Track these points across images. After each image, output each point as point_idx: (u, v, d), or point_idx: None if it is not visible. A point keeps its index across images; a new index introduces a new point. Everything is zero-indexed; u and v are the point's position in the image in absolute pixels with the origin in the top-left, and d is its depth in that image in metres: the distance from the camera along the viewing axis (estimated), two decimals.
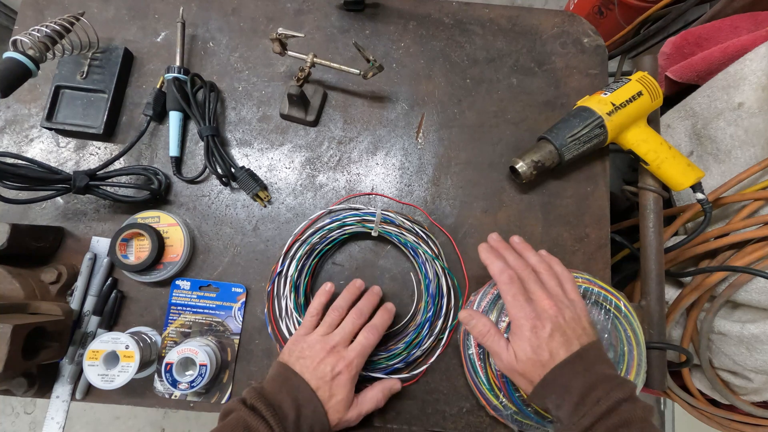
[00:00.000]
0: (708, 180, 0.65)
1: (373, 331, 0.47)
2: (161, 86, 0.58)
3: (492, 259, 0.45)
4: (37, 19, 0.61)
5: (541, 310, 0.41)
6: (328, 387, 0.43)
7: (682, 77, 0.71)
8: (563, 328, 0.40)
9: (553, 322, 0.40)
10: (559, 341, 0.40)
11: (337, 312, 0.48)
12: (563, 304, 0.42)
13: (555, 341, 0.40)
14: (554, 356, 0.39)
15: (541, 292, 0.42)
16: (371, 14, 0.63)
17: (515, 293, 0.42)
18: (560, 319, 0.40)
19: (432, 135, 0.60)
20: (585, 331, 0.41)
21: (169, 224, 0.54)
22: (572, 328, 0.40)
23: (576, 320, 0.41)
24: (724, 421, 0.68)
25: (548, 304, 0.41)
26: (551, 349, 0.39)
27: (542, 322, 0.40)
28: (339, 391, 0.43)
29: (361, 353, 0.45)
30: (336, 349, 0.45)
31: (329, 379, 0.43)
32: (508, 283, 0.43)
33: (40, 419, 1.35)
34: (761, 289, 0.56)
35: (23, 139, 0.58)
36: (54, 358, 0.48)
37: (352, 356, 0.45)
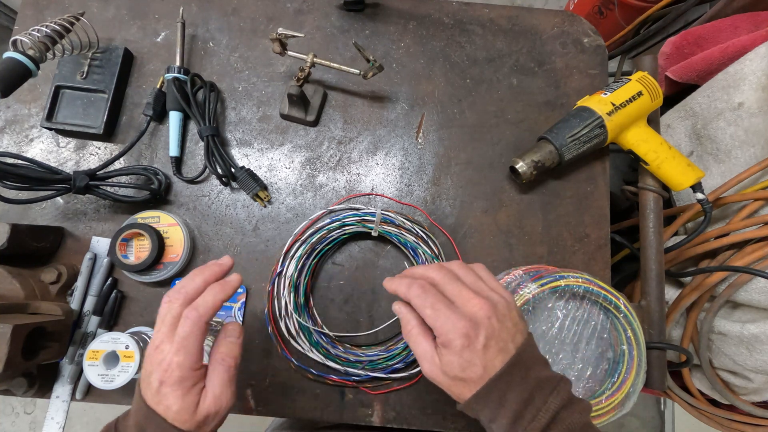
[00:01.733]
0: (708, 180, 0.65)
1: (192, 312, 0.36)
2: (161, 86, 0.58)
3: (397, 281, 0.38)
4: (37, 19, 0.61)
5: (471, 314, 0.35)
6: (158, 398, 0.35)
7: (682, 77, 0.71)
8: (498, 331, 0.35)
9: (486, 327, 0.34)
10: (494, 350, 0.34)
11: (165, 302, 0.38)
12: (493, 299, 0.36)
13: (490, 351, 0.34)
14: (489, 369, 0.34)
15: (465, 291, 0.36)
16: (371, 14, 0.63)
17: (433, 302, 0.36)
18: (494, 321, 0.35)
19: (432, 135, 0.60)
20: (518, 328, 0.36)
21: (169, 224, 0.54)
22: (507, 329, 0.35)
23: (509, 317, 0.36)
24: (724, 421, 0.68)
25: (478, 304, 0.35)
26: (486, 363, 0.34)
27: (476, 330, 0.34)
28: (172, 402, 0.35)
29: (180, 349, 0.35)
30: (159, 349, 0.36)
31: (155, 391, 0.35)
32: (421, 294, 0.36)
33: (40, 419, 1.35)
34: (761, 289, 0.56)
35: (23, 139, 0.58)
36: (54, 358, 0.48)
37: (169, 359, 0.35)
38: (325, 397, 0.53)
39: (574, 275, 0.49)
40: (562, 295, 0.49)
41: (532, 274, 0.50)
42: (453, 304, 0.36)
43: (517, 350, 0.35)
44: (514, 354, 0.35)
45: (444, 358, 0.35)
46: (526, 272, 0.51)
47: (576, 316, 0.49)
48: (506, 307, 0.36)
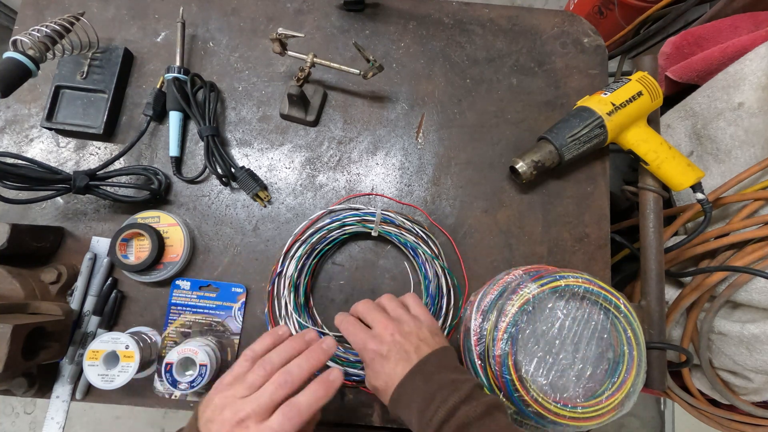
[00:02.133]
0: (708, 180, 0.65)
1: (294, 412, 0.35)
2: (161, 86, 0.58)
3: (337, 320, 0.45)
4: (37, 19, 0.61)
5: (377, 333, 0.41)
6: None
7: (682, 77, 0.71)
8: (400, 344, 0.40)
9: (388, 342, 0.40)
10: (396, 359, 0.40)
11: (263, 369, 0.37)
12: (402, 320, 0.42)
13: (391, 361, 0.40)
14: (394, 377, 0.39)
15: (379, 316, 0.43)
16: (371, 14, 0.63)
17: (354, 330, 0.43)
18: (397, 336, 0.41)
19: (432, 135, 0.60)
20: (425, 341, 0.41)
21: (169, 224, 0.54)
22: (409, 342, 0.41)
23: (414, 332, 0.41)
24: (724, 421, 0.68)
25: (384, 325, 0.42)
26: (390, 371, 0.40)
27: (380, 345, 0.41)
28: None
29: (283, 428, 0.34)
30: (245, 424, 0.34)
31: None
32: (346, 324, 0.44)
33: (40, 419, 1.35)
34: (761, 289, 0.56)
35: (23, 139, 0.58)
36: (54, 358, 0.48)
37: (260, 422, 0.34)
38: None
39: (574, 275, 0.49)
40: (562, 295, 0.49)
41: (532, 274, 0.50)
42: (368, 328, 0.43)
43: (420, 359, 0.40)
44: (417, 362, 0.39)
45: (366, 372, 0.43)
46: (526, 272, 0.51)
47: (576, 316, 0.49)
48: (414, 325, 0.42)
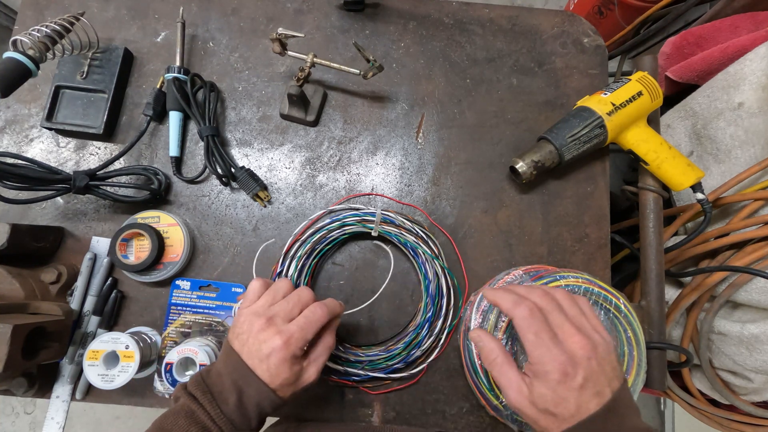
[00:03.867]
0: (708, 180, 0.65)
1: (322, 307, 0.41)
2: (161, 86, 0.58)
3: (501, 295, 0.39)
4: (37, 19, 0.61)
5: (571, 352, 0.35)
6: (266, 366, 0.38)
7: (682, 77, 0.71)
8: (596, 374, 0.34)
9: (585, 367, 0.34)
10: (590, 392, 0.34)
11: (286, 284, 0.43)
12: (594, 340, 0.36)
13: (587, 392, 0.34)
14: (582, 410, 0.34)
15: (568, 325, 0.36)
16: (371, 14, 0.63)
17: (538, 330, 0.36)
18: (593, 362, 0.34)
19: (432, 135, 0.60)
20: (615, 372, 0.36)
21: (169, 224, 0.54)
22: (605, 372, 0.35)
23: (608, 360, 0.35)
24: (724, 421, 0.68)
25: (579, 342, 0.35)
26: (580, 403, 0.34)
27: (575, 368, 0.34)
28: (280, 371, 0.38)
29: (305, 326, 0.39)
30: (273, 321, 0.39)
31: (264, 356, 0.38)
32: (528, 317, 0.36)
33: (40, 419, 1.35)
34: (761, 289, 0.56)
35: (23, 139, 0.58)
36: (54, 358, 0.48)
37: (292, 330, 0.39)
38: (325, 396, 0.53)
39: (574, 275, 0.49)
40: None
41: (532, 274, 0.50)
42: (555, 336, 0.36)
43: (613, 395, 0.34)
44: (610, 399, 0.34)
45: (536, 390, 0.35)
46: (526, 272, 0.51)
47: None
48: (606, 349, 0.36)
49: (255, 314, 0.40)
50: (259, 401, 0.38)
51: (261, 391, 0.38)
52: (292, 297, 0.41)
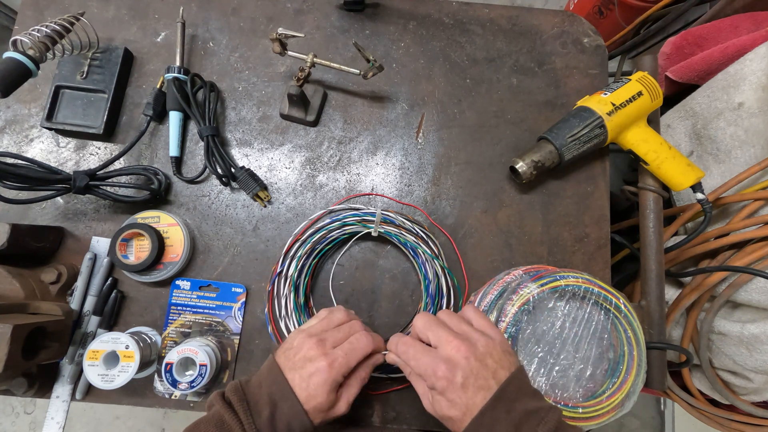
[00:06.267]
0: (708, 180, 0.65)
1: (368, 337, 0.43)
2: (161, 86, 0.58)
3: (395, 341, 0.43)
4: (37, 19, 0.61)
5: (447, 357, 0.37)
6: (305, 385, 0.39)
7: (682, 77, 0.71)
8: (476, 370, 0.36)
9: (463, 367, 0.36)
10: (473, 389, 0.36)
11: (343, 314, 0.46)
12: (472, 339, 0.38)
13: (470, 390, 0.36)
14: (471, 408, 0.36)
15: (444, 333, 0.39)
16: (371, 14, 0.63)
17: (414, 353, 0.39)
18: (472, 360, 0.37)
19: (432, 135, 0.60)
20: (501, 364, 0.38)
21: (169, 224, 0.54)
22: (486, 366, 0.37)
23: (489, 353, 0.38)
24: (724, 421, 0.68)
25: (454, 346, 0.37)
26: (466, 402, 0.36)
27: (452, 371, 0.37)
28: (318, 393, 0.38)
29: (349, 353, 0.41)
30: (323, 344, 0.41)
31: (306, 376, 0.39)
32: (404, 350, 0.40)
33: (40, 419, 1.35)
34: (761, 289, 0.56)
35: (23, 139, 0.58)
36: (54, 358, 0.48)
37: (337, 354, 0.40)
38: None
39: (574, 275, 0.49)
40: (562, 296, 0.49)
41: (532, 274, 0.50)
42: (434, 349, 0.39)
43: (499, 386, 0.36)
44: (497, 390, 0.36)
45: (434, 399, 0.38)
46: (526, 272, 0.51)
47: (576, 316, 0.49)
48: (486, 345, 0.38)
49: (308, 335, 0.42)
50: (290, 420, 0.38)
51: (294, 410, 0.38)
52: (344, 327, 0.44)
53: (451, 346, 0.38)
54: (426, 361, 0.38)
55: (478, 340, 0.38)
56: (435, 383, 0.37)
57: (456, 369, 0.37)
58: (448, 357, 0.37)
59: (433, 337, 0.40)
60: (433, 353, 0.38)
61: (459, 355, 0.37)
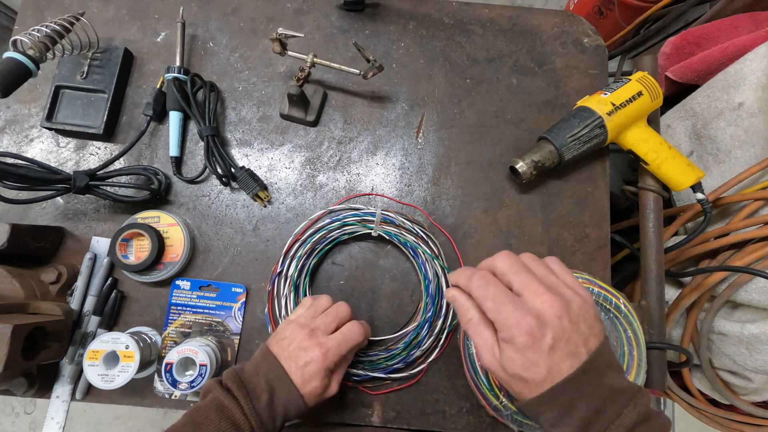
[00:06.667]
0: (708, 180, 0.65)
1: (359, 327, 0.45)
2: (161, 86, 0.58)
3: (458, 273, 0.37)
4: (37, 19, 0.61)
5: (538, 311, 0.32)
6: (301, 373, 0.41)
7: (682, 77, 0.71)
8: (568, 332, 0.32)
9: (555, 326, 0.31)
10: (562, 353, 0.31)
11: (326, 299, 0.48)
12: (566, 295, 0.33)
13: (557, 354, 0.31)
14: (554, 374, 0.31)
15: (535, 283, 0.33)
16: (371, 14, 0.63)
17: (495, 294, 0.33)
18: (564, 321, 0.32)
19: (432, 135, 0.60)
20: (593, 330, 0.33)
21: (169, 224, 0.54)
22: (579, 331, 0.32)
23: (583, 316, 0.33)
24: (724, 421, 0.68)
25: (548, 300, 0.32)
26: (551, 366, 0.31)
27: (542, 329, 0.31)
28: (313, 378, 0.41)
29: (342, 343, 0.43)
30: (315, 333, 0.43)
31: (302, 364, 0.41)
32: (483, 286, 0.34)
33: (40, 419, 1.35)
34: (761, 289, 0.56)
35: (23, 139, 0.58)
36: (54, 358, 0.48)
37: (330, 344, 0.43)
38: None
39: (575, 275, 0.49)
40: None
41: None
42: (519, 297, 0.33)
43: (590, 355, 0.32)
44: (587, 359, 0.32)
45: (505, 354, 0.33)
46: None
47: None
48: (581, 306, 0.33)
49: (299, 325, 0.44)
50: (287, 404, 0.40)
51: (291, 395, 0.41)
52: (331, 312, 0.46)
53: (543, 300, 0.32)
54: (509, 308, 0.32)
55: (572, 299, 0.33)
56: (515, 337, 0.32)
57: (546, 327, 0.31)
58: (539, 312, 0.32)
59: (519, 283, 0.33)
60: (519, 302, 0.33)
61: (551, 312, 0.32)
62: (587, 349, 0.32)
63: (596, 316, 0.34)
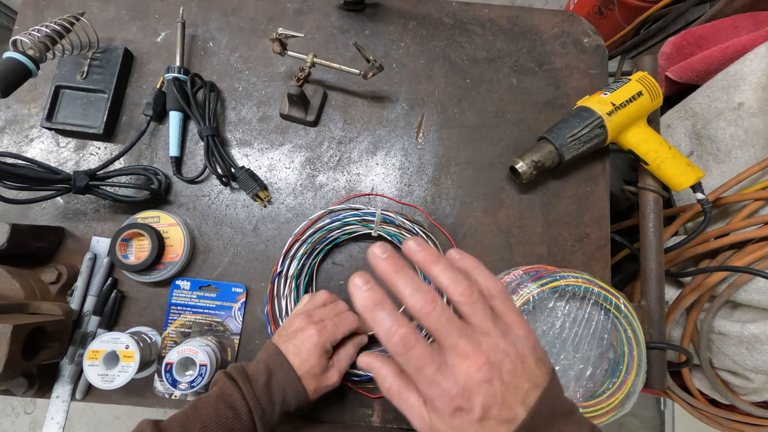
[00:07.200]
0: (708, 180, 0.65)
1: (353, 315, 0.48)
2: (161, 86, 0.58)
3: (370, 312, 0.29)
4: (37, 19, 0.61)
5: (463, 379, 0.27)
6: (297, 351, 0.43)
7: (682, 77, 0.71)
8: (500, 395, 0.27)
9: (484, 393, 0.27)
10: (495, 422, 0.27)
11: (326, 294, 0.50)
12: (498, 350, 0.28)
13: (490, 423, 0.27)
14: None
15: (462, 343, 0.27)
16: (371, 14, 0.63)
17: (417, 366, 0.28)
18: (495, 384, 0.27)
19: (432, 135, 0.60)
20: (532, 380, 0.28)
21: (169, 224, 0.54)
22: (514, 389, 0.27)
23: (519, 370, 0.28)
24: (724, 421, 0.68)
25: (475, 363, 0.27)
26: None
27: (468, 399, 0.27)
28: (309, 356, 0.42)
29: (337, 324, 0.45)
30: (312, 317, 0.45)
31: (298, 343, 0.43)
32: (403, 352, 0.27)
33: (40, 419, 1.35)
34: (761, 289, 0.56)
35: (23, 139, 0.58)
36: (54, 358, 0.48)
37: (326, 323, 0.45)
38: (325, 397, 0.53)
39: (574, 275, 0.49)
40: (562, 296, 0.49)
41: (532, 274, 0.50)
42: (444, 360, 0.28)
43: (529, 413, 0.27)
44: (524, 420, 0.27)
45: (433, 423, 0.29)
46: (526, 272, 0.51)
47: (576, 316, 0.49)
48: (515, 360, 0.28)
49: (297, 313, 0.47)
50: (285, 386, 0.41)
51: (289, 376, 0.42)
52: (329, 306, 0.48)
53: (469, 363, 0.27)
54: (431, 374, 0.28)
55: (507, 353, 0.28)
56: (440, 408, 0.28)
57: (473, 396, 0.27)
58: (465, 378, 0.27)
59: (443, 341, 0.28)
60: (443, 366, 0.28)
61: (479, 377, 0.27)
62: (525, 406, 0.28)
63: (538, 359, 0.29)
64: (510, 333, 0.29)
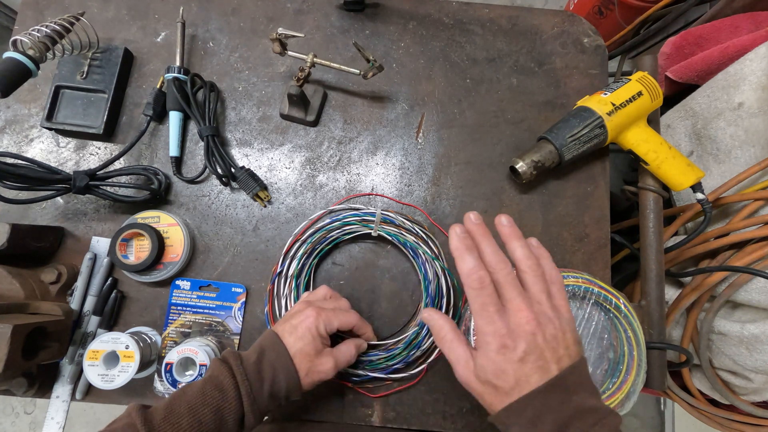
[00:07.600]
0: (708, 180, 0.65)
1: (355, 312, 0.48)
2: (161, 86, 0.58)
3: (461, 252, 0.36)
4: (37, 19, 0.61)
5: (515, 324, 0.34)
6: (292, 330, 0.43)
7: (682, 77, 0.71)
8: (540, 348, 0.33)
9: (528, 341, 0.33)
10: (532, 366, 0.33)
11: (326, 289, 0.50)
12: (546, 316, 0.35)
13: (527, 366, 0.33)
14: (522, 384, 0.33)
15: (519, 300, 0.34)
16: (371, 14, 0.63)
17: (484, 302, 0.35)
18: (538, 338, 0.33)
19: (432, 135, 0.60)
20: (567, 351, 0.34)
21: (169, 224, 0.54)
22: (552, 348, 0.34)
23: (559, 337, 0.34)
24: (724, 421, 0.68)
25: (526, 316, 0.34)
26: (520, 376, 0.33)
27: (514, 340, 0.33)
28: (304, 335, 0.42)
29: (335, 310, 0.46)
30: (311, 303, 0.46)
31: (295, 324, 0.43)
32: (477, 288, 0.35)
33: (40, 419, 1.35)
34: (761, 289, 0.56)
35: (23, 139, 0.58)
36: (54, 358, 0.48)
37: (325, 307, 0.45)
38: (325, 397, 0.53)
39: (574, 275, 0.49)
40: None
41: None
42: (504, 307, 0.35)
43: (560, 372, 0.33)
44: (556, 375, 0.33)
45: (478, 361, 0.35)
46: None
47: (576, 316, 0.49)
48: (558, 328, 0.35)
49: (298, 301, 0.48)
50: (275, 365, 0.41)
51: (280, 355, 0.41)
52: (332, 300, 0.49)
53: (521, 315, 0.34)
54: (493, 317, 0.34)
55: (551, 321, 0.34)
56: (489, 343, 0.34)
57: (518, 340, 0.33)
58: (515, 325, 0.34)
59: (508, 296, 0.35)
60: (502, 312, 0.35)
61: (527, 328, 0.33)
62: (558, 366, 0.34)
63: (575, 340, 0.36)
64: (557, 311, 0.36)
